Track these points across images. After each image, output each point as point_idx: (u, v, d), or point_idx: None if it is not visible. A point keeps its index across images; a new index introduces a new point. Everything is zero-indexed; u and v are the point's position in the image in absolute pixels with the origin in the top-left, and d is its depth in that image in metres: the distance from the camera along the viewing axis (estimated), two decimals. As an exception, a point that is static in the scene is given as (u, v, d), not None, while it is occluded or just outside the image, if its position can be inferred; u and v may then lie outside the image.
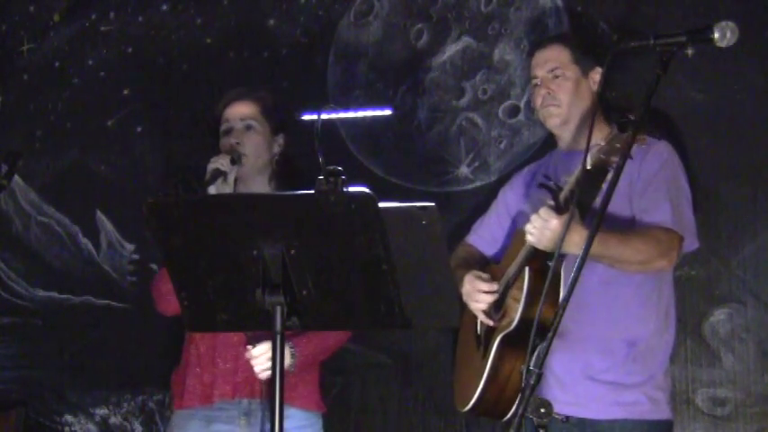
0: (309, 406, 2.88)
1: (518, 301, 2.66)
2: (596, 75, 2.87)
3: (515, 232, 2.88)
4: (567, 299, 2.23)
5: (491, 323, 2.78)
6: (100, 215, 4.19)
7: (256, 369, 2.72)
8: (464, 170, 3.60)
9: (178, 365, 2.97)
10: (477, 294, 2.80)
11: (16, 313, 4.29)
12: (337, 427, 3.69)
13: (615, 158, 2.32)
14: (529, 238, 2.58)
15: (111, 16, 4.26)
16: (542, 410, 2.14)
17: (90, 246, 4.20)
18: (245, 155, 2.90)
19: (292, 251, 2.01)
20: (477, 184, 3.58)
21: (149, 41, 4.18)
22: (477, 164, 3.59)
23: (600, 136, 2.71)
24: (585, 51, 2.91)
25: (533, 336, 2.29)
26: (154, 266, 4.03)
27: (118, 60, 4.23)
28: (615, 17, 3.38)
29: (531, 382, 2.15)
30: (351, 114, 3.76)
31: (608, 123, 2.82)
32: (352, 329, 2.82)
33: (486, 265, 3.01)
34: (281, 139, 3.01)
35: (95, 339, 4.14)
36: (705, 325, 3.19)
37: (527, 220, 2.81)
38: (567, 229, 2.41)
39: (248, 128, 2.95)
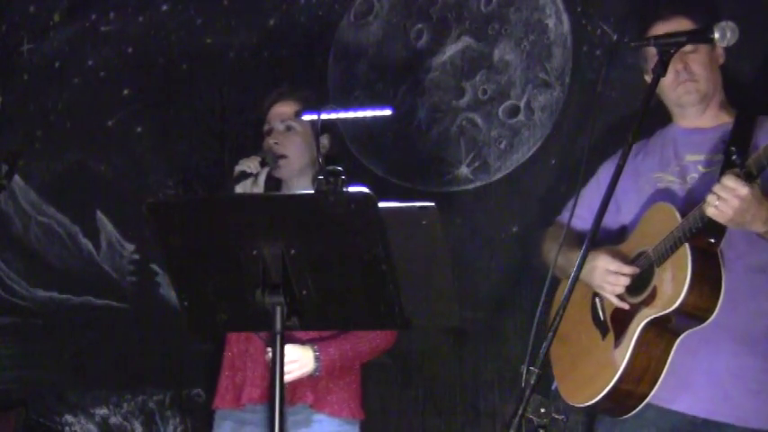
0: (341, 413, 2.83)
1: (678, 280, 2.42)
2: (719, 50, 2.64)
3: (659, 208, 2.57)
4: (567, 297, 2.22)
5: (626, 306, 2.56)
6: (100, 215, 4.19)
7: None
8: (464, 170, 3.60)
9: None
10: (614, 276, 2.56)
11: (16, 313, 4.29)
12: (337, 427, 3.70)
13: None
14: (710, 210, 2.30)
15: (111, 16, 4.26)
16: (542, 410, 2.14)
17: (90, 246, 4.20)
18: (286, 156, 2.88)
19: (292, 251, 2.01)
20: (478, 184, 3.58)
21: (149, 41, 4.18)
22: (477, 164, 3.58)
23: (726, 118, 2.65)
24: (708, 21, 2.50)
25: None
26: (154, 266, 4.04)
27: (118, 60, 4.23)
28: (615, 17, 3.38)
29: (532, 382, 2.14)
30: (351, 114, 3.76)
31: (732, 105, 2.69)
32: (352, 329, 2.80)
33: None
34: (325, 140, 2.95)
35: (95, 339, 4.14)
36: (705, 325, 3.18)
37: (638, 193, 2.67)
38: (755, 200, 2.25)
39: (288, 129, 2.93)
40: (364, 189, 1.95)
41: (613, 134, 3.13)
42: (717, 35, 2.29)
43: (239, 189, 2.78)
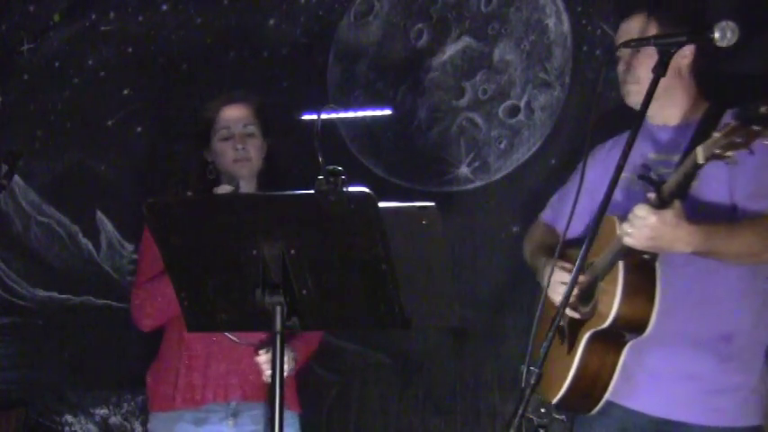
0: (291, 406, 2.87)
1: (611, 296, 2.47)
2: (685, 49, 2.57)
3: (605, 220, 2.57)
4: (567, 296, 2.23)
5: (577, 316, 2.63)
6: (100, 215, 4.19)
7: (268, 373, 2.71)
8: (464, 170, 3.60)
9: (152, 367, 2.95)
10: (562, 286, 2.60)
11: (16, 313, 4.29)
12: (337, 427, 3.70)
13: (731, 153, 2.14)
14: (626, 239, 2.36)
15: (111, 16, 4.26)
16: (542, 410, 2.14)
17: (90, 246, 4.20)
18: (250, 159, 2.89)
19: (292, 251, 2.01)
20: (478, 184, 3.58)
21: (149, 41, 4.18)
22: (477, 164, 3.58)
23: (696, 113, 2.62)
24: (673, 22, 2.58)
25: (546, 332, 2.20)
26: (154, 266, 4.03)
27: (118, 60, 4.23)
28: (615, 17, 3.38)
29: (532, 381, 2.14)
30: (351, 114, 3.76)
31: (704, 99, 2.65)
32: (352, 329, 2.82)
33: (566, 248, 2.87)
34: (266, 144, 2.99)
35: (95, 339, 4.14)
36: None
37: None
38: (666, 226, 2.28)
39: (249, 132, 2.94)
40: (364, 189, 1.95)
41: (613, 133, 3.13)
42: (717, 35, 2.29)
43: None
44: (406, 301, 2.02)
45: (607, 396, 2.56)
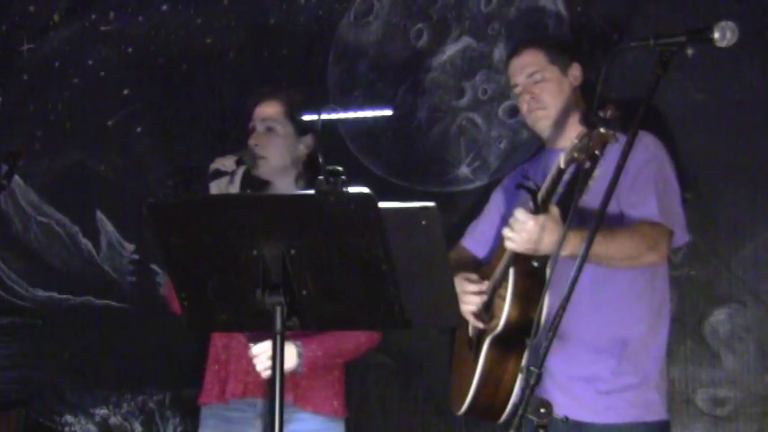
0: (323, 410, 2.84)
1: (503, 304, 2.62)
2: (575, 70, 2.86)
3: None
4: (567, 299, 2.23)
5: (481, 325, 2.76)
6: (100, 215, 4.19)
7: (258, 368, 2.72)
8: (464, 170, 3.60)
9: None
10: (465, 296, 2.77)
11: (16, 313, 4.29)
12: (337, 427, 3.69)
13: (584, 156, 2.28)
14: (507, 243, 2.53)
15: (111, 16, 4.26)
16: (542, 410, 2.14)
17: (90, 246, 4.20)
18: (265, 157, 2.90)
19: (292, 251, 2.01)
20: (478, 183, 3.59)
21: (149, 41, 4.18)
22: (477, 164, 3.59)
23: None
24: (560, 50, 2.91)
25: (533, 335, 2.28)
26: (154, 266, 4.03)
27: (118, 60, 4.23)
28: (615, 17, 3.38)
29: (531, 382, 2.15)
30: (351, 114, 3.76)
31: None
32: (352, 329, 2.81)
33: (479, 268, 2.99)
34: (309, 140, 2.99)
35: (95, 339, 4.14)
36: (705, 325, 3.19)
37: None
38: (543, 230, 2.41)
39: (269, 129, 2.95)
40: (364, 189, 1.95)
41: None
42: (717, 35, 2.31)
43: (214, 187, 2.80)
44: (406, 301, 2.02)
45: (513, 402, 2.65)
